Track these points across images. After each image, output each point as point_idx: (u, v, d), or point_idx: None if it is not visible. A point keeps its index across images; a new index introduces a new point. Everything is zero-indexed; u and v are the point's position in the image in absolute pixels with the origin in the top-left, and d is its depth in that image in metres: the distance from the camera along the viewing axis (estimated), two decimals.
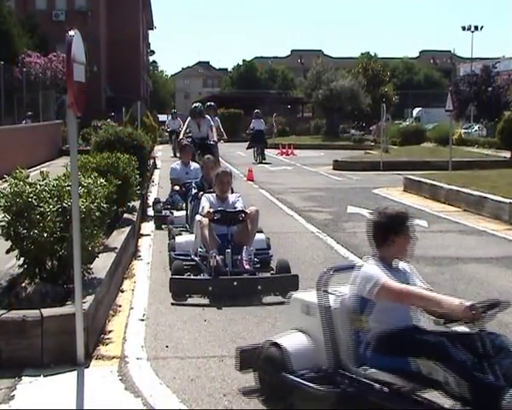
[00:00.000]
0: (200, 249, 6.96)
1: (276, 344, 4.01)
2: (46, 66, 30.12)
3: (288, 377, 3.83)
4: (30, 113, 24.04)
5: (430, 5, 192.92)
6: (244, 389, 4.16)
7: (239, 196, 7.57)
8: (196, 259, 7.01)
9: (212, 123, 14.15)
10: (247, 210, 7.06)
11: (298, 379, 3.80)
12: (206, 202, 7.29)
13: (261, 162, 24.93)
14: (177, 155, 19.32)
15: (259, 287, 6.39)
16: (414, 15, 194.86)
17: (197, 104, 14.63)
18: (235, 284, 6.32)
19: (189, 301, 6.23)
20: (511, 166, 19.56)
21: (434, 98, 63.97)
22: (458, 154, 22.62)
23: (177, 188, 10.61)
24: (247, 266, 6.54)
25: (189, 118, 14.40)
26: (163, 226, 9.98)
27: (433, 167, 19.23)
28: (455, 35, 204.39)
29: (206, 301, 6.22)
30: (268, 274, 6.94)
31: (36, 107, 25.19)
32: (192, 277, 6.72)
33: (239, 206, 7.29)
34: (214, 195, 7.47)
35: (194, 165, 11.34)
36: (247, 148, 26.61)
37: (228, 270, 6.45)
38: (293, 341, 4.01)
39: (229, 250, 6.58)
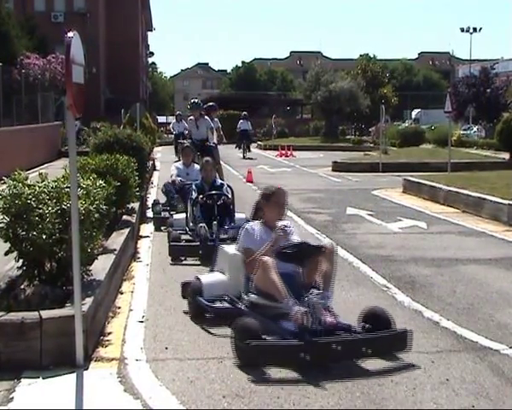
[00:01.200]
0: (248, 295, 5.33)
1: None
2: (45, 67, 30.08)
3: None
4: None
5: (429, 7, 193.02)
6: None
7: (291, 227, 5.62)
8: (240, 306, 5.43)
9: (212, 125, 14.12)
10: (323, 244, 5.39)
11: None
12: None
13: (245, 158, 28.60)
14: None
15: (364, 349, 4.62)
16: (412, 17, 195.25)
17: (196, 99, 14.88)
18: (333, 347, 4.53)
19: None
20: (510, 168, 19.57)
21: (433, 100, 64.12)
22: (457, 155, 22.64)
23: (175, 179, 10.88)
24: (332, 320, 4.71)
25: (188, 119, 14.51)
26: (162, 228, 9.99)
27: (432, 169, 19.26)
28: (453, 36, 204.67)
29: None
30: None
31: (35, 108, 25.19)
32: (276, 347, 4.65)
33: (294, 238, 5.48)
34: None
35: (194, 166, 11.40)
36: (235, 147, 29.85)
37: (319, 328, 4.62)
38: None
39: (315, 298, 4.77)
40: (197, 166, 11.21)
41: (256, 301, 5.20)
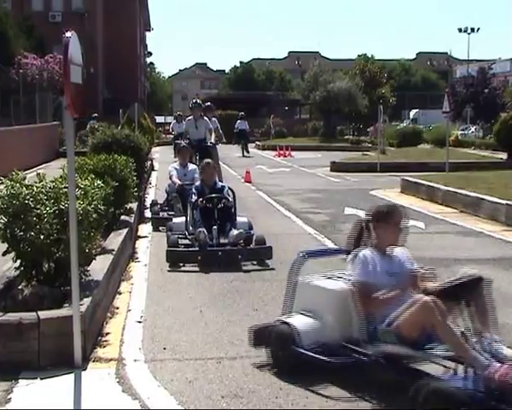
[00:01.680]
0: (375, 342, 4.27)
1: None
2: (43, 67, 30.05)
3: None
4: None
5: (427, 7, 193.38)
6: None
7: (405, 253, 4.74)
8: None
9: (211, 125, 14.09)
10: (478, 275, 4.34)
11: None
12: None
13: (244, 156, 30.13)
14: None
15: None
16: (411, 17, 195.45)
17: (197, 99, 15.04)
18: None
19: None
20: (508, 168, 19.58)
21: (431, 100, 64.19)
22: (455, 155, 22.65)
23: (176, 180, 10.67)
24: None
25: (187, 119, 14.49)
26: (160, 228, 9.97)
27: (430, 169, 19.26)
28: (451, 37, 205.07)
29: (204, 298, 6.22)
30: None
31: (32, 108, 25.16)
32: None
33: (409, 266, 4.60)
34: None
35: (191, 166, 11.30)
36: (233, 143, 31.12)
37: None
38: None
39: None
40: (193, 166, 11.21)
41: (397, 352, 4.08)
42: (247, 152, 31.20)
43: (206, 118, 14.05)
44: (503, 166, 21.31)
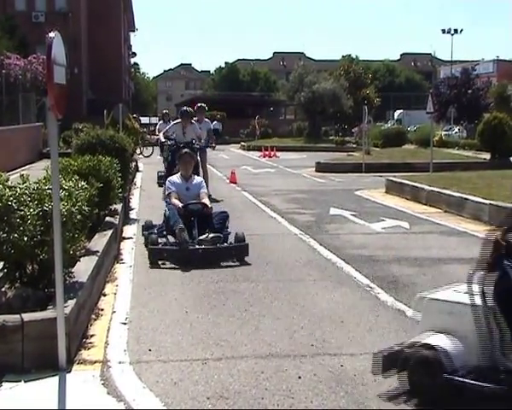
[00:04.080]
0: None
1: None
2: (26, 68, 29.79)
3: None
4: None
5: (410, 9, 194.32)
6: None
7: None
8: None
9: (199, 130, 13.70)
10: None
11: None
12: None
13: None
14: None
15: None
16: (395, 19, 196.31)
17: (188, 108, 14.08)
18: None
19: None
20: (491, 168, 19.77)
21: (415, 100, 64.56)
22: (439, 156, 22.82)
23: (175, 202, 8.52)
24: None
25: (175, 120, 14.12)
26: (160, 262, 7.82)
27: (414, 169, 19.38)
28: (435, 38, 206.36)
29: (188, 302, 6.21)
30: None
31: (15, 109, 24.95)
32: None
33: None
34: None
35: (196, 179, 9.28)
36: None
37: None
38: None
39: None
40: (199, 179, 9.46)
41: None
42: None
43: (194, 123, 13.85)
44: (486, 166, 21.52)
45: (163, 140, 10.73)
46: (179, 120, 13.68)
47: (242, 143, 38.94)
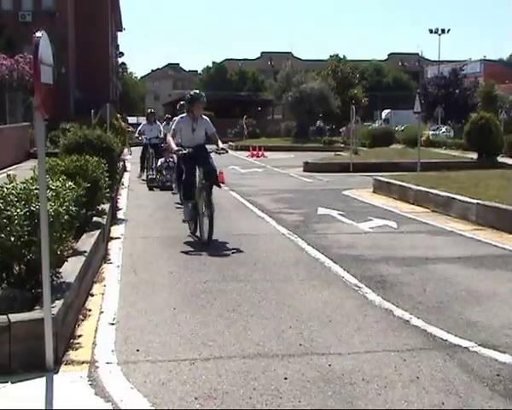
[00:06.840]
0: None
1: None
2: (13, 67, 29.63)
3: None
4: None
5: (398, 8, 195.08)
6: None
7: None
8: None
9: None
10: None
11: None
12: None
13: None
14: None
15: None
16: (382, 19, 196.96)
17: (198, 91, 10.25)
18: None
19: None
20: (478, 168, 19.91)
21: (403, 100, 64.77)
22: (426, 155, 22.94)
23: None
24: None
25: (176, 118, 10.43)
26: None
27: (401, 169, 19.46)
28: (422, 38, 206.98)
29: (176, 300, 6.20)
30: None
31: (2, 109, 24.83)
32: None
33: None
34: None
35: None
36: None
37: None
38: None
39: None
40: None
41: None
42: None
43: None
44: (473, 165, 21.66)
45: (175, 148, 9.04)
46: (185, 115, 9.91)
47: (230, 143, 38.95)
